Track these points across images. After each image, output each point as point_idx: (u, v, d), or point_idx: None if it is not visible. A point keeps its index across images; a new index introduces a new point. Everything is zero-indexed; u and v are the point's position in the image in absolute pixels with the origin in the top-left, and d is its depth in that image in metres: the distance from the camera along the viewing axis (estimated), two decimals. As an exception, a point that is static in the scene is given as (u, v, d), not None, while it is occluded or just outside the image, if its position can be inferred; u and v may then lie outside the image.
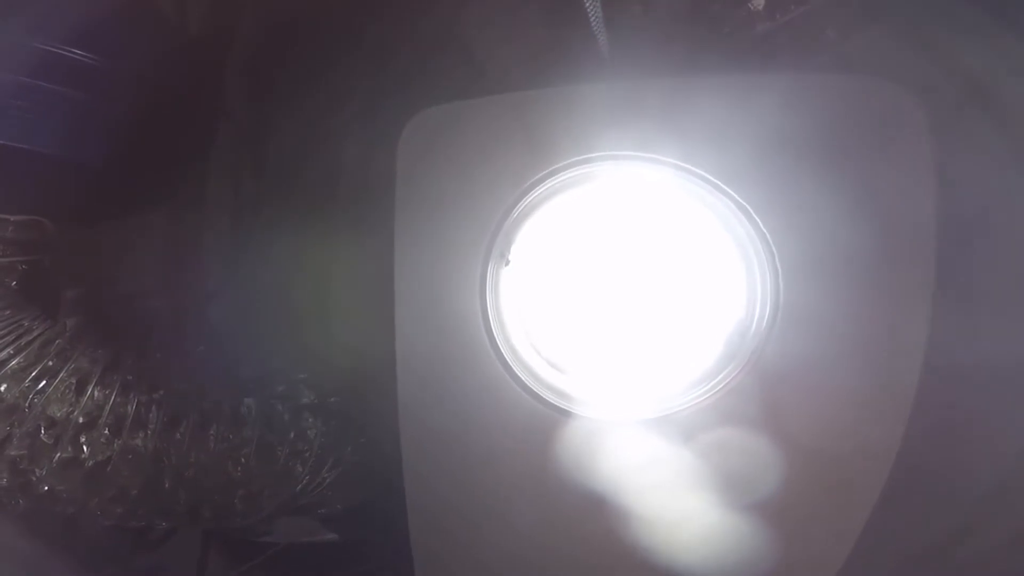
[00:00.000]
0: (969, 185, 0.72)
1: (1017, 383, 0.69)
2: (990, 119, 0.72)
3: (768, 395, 0.63)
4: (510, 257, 0.72)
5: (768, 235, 0.64)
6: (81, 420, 0.83)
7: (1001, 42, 0.72)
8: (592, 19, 0.68)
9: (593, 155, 0.68)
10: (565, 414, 0.69)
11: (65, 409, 0.82)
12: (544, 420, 0.69)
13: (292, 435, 0.96)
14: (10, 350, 0.79)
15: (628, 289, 0.70)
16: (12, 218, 0.83)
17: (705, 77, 0.69)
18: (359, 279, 0.94)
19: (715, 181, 0.65)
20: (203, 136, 1.00)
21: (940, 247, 0.63)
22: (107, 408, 0.85)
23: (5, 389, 0.78)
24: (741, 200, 0.65)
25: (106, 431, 0.84)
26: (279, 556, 1.08)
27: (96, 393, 0.84)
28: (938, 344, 0.62)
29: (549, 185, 0.71)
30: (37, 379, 0.81)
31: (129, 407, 0.86)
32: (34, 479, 0.82)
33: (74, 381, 0.84)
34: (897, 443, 0.62)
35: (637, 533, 0.67)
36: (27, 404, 0.80)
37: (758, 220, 0.64)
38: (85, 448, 0.83)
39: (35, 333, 0.83)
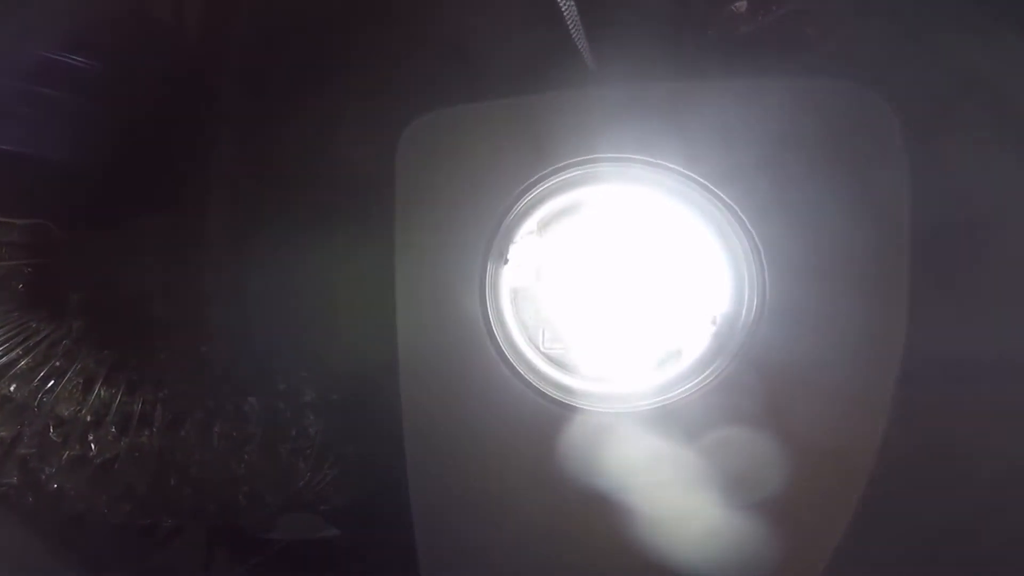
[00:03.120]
0: (955, 183, 0.74)
1: (1003, 378, 0.71)
2: (986, 115, 0.73)
3: (756, 386, 0.66)
4: (508, 256, 0.74)
5: (754, 233, 0.67)
6: (88, 419, 0.85)
7: (994, 36, 0.73)
8: (571, 26, 0.69)
9: (584, 158, 0.71)
10: (562, 406, 0.71)
11: (73, 408, 0.84)
12: (541, 412, 0.71)
13: (294, 432, 0.98)
14: (19, 351, 0.81)
15: (621, 286, 0.73)
16: (18, 222, 0.85)
17: (688, 82, 0.71)
18: (360, 279, 0.96)
19: (702, 181, 0.67)
20: (203, 140, 1.01)
21: (936, 244, 0.65)
22: (114, 407, 0.87)
23: (15, 389, 0.80)
24: (728, 199, 0.67)
25: (113, 429, 0.86)
26: (284, 553, 1.09)
27: (103, 392, 0.86)
28: (922, 339, 0.65)
29: (544, 187, 0.73)
30: (45, 379, 0.83)
31: (135, 406, 0.88)
32: (44, 477, 0.84)
33: (81, 380, 0.85)
34: (880, 434, 0.65)
35: (634, 522, 0.69)
36: (36, 403, 0.82)
37: (744, 218, 0.67)
38: (93, 446, 0.85)
39: (42, 334, 0.84)
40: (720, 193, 0.67)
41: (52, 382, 0.83)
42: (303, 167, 1.00)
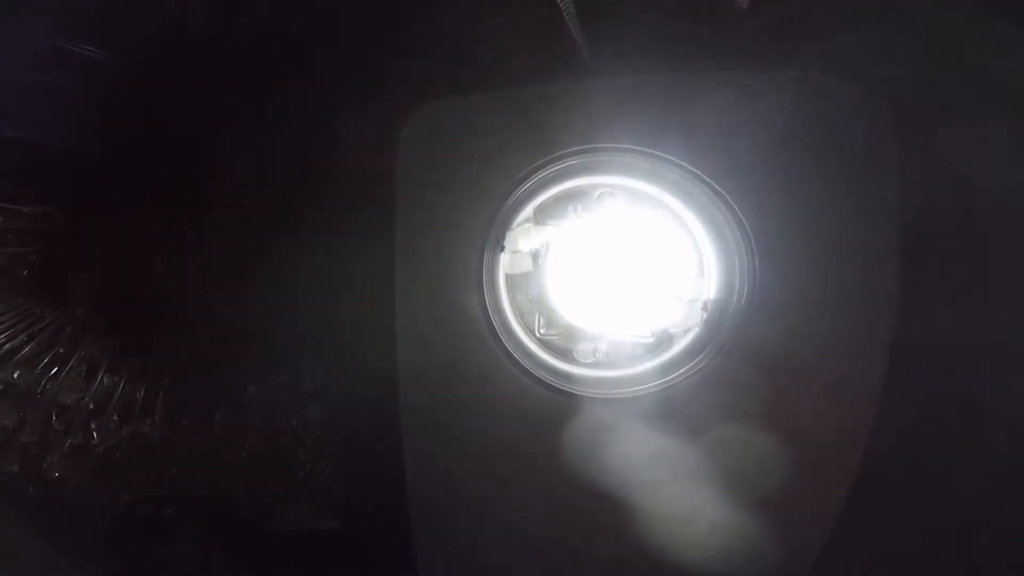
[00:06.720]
0: (949, 178, 0.74)
1: (994, 370, 0.72)
2: (981, 112, 0.73)
3: (747, 373, 0.67)
4: (505, 244, 0.75)
5: (746, 222, 0.67)
6: (91, 406, 0.85)
7: (992, 34, 0.73)
8: (567, 19, 0.70)
9: (580, 148, 0.71)
10: (556, 391, 0.72)
11: (75, 396, 0.84)
12: (536, 397, 0.72)
13: (294, 422, 0.98)
14: (23, 337, 0.81)
15: (615, 273, 0.74)
16: (23, 209, 0.85)
17: (686, 74, 0.72)
18: (361, 269, 0.96)
19: (696, 171, 0.68)
20: (208, 130, 1.01)
21: (928, 238, 0.66)
22: (116, 395, 0.87)
23: (18, 376, 0.80)
24: (720, 189, 0.68)
25: (115, 417, 0.87)
26: (283, 547, 1.09)
27: (106, 380, 0.87)
28: (912, 330, 0.65)
29: (541, 177, 0.74)
30: (49, 366, 0.83)
31: (137, 394, 0.88)
32: (45, 465, 0.84)
33: (84, 368, 0.86)
34: (870, 422, 0.65)
35: (627, 506, 0.69)
36: (39, 391, 0.82)
37: (735, 207, 0.68)
38: (95, 434, 0.85)
39: (46, 321, 0.84)
40: (712, 183, 0.68)
41: (55, 369, 0.83)
42: (304, 158, 1.00)
